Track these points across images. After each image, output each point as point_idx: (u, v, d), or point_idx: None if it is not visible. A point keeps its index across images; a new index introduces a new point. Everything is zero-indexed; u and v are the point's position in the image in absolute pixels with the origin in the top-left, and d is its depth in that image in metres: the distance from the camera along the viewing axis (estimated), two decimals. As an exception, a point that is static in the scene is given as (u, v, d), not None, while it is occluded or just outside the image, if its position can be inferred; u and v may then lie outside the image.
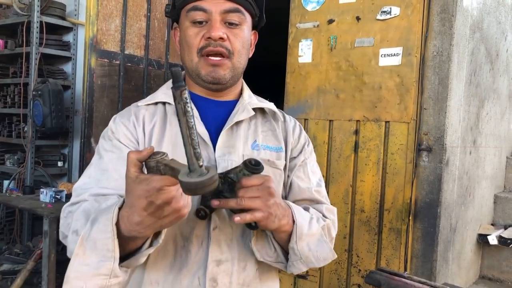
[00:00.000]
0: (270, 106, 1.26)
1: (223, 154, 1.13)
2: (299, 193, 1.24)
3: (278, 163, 1.20)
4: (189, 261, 1.10)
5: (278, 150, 1.22)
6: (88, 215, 0.96)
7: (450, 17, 2.28)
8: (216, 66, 1.11)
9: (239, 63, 1.15)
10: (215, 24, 1.10)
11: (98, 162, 1.12)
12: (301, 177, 1.26)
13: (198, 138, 0.78)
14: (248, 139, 1.18)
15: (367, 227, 2.47)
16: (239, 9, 1.12)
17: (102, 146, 1.15)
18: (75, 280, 0.86)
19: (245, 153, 1.15)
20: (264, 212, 1.00)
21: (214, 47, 1.10)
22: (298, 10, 2.70)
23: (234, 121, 1.16)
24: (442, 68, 2.30)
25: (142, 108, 1.18)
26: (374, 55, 2.45)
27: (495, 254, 3.06)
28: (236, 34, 1.13)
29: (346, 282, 2.55)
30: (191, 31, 1.12)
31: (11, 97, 4.23)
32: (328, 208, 1.26)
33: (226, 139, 1.15)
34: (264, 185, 1.00)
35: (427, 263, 2.33)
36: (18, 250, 3.87)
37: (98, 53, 2.46)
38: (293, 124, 1.29)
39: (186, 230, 1.10)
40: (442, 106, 2.30)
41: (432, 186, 2.32)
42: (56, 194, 3.31)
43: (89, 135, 2.46)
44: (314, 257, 1.13)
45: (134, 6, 2.65)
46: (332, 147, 2.59)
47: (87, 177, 1.12)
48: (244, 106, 1.20)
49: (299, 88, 2.70)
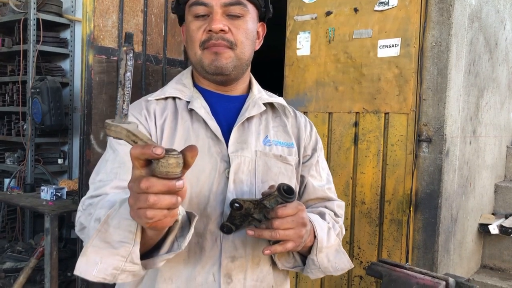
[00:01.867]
0: (280, 101, 1.26)
1: (236, 150, 1.13)
2: (314, 193, 1.27)
3: (289, 159, 1.21)
4: (203, 258, 1.11)
5: (289, 146, 1.22)
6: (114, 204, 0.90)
7: (448, 7, 2.27)
8: (218, 55, 1.11)
9: (242, 54, 1.14)
10: (215, 17, 1.10)
11: (114, 156, 1.10)
12: (314, 176, 1.28)
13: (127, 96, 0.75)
14: (260, 134, 1.19)
15: (368, 219, 2.47)
16: (240, 1, 1.12)
17: (114, 142, 1.12)
18: (92, 254, 0.84)
19: (257, 148, 1.16)
20: (296, 242, 1.02)
21: (216, 40, 1.10)
22: (296, 2, 2.69)
23: (245, 117, 1.16)
24: (441, 59, 2.29)
25: (153, 103, 1.18)
26: (372, 46, 2.44)
27: (496, 243, 3.07)
28: (239, 26, 1.12)
29: (348, 274, 2.55)
30: (193, 25, 1.13)
31: (9, 95, 4.22)
32: (338, 204, 1.30)
33: (238, 135, 1.15)
34: (298, 216, 1.01)
35: (429, 253, 2.33)
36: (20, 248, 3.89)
37: (96, 49, 2.45)
38: (303, 120, 1.30)
39: (199, 227, 1.10)
40: (441, 97, 2.29)
41: (432, 176, 2.32)
42: (57, 191, 3.32)
43: (88, 132, 2.45)
44: (333, 268, 1.16)
45: (131, 2, 2.63)
46: (332, 140, 2.59)
47: (104, 172, 1.08)
48: (254, 101, 1.20)
49: (297, 81, 2.70)
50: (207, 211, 1.11)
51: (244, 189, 1.13)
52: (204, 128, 1.14)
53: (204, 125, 1.14)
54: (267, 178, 1.16)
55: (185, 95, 1.18)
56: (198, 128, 1.14)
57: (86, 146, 2.45)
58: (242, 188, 1.12)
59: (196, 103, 1.15)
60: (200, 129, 1.14)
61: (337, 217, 1.27)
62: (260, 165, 1.15)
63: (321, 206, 1.28)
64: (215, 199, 1.11)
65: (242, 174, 1.13)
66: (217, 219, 1.11)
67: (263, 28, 1.25)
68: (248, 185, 1.13)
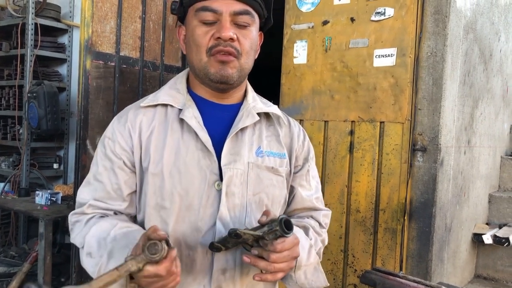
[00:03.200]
0: (275, 110, 1.25)
1: (228, 163, 1.12)
2: (302, 203, 1.28)
3: (281, 170, 1.20)
4: (194, 270, 1.11)
5: (281, 157, 1.21)
6: (100, 241, 1.05)
7: (443, 18, 2.29)
8: (225, 64, 1.10)
9: (246, 64, 1.14)
10: (225, 24, 1.08)
11: (96, 170, 1.17)
12: (303, 186, 1.28)
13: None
14: (253, 145, 1.17)
15: (363, 227, 2.48)
16: (249, 11, 1.11)
17: (100, 153, 1.17)
18: None
19: (250, 160, 1.15)
20: (286, 272, 1.05)
21: (224, 47, 1.09)
22: (293, 11, 2.71)
23: (239, 127, 1.15)
24: (436, 69, 2.31)
25: (140, 113, 1.16)
26: (368, 56, 2.46)
27: (490, 253, 3.08)
28: (246, 35, 1.12)
29: (342, 282, 2.55)
30: (200, 30, 1.11)
31: (6, 99, 4.22)
32: (325, 214, 1.31)
33: (231, 146, 1.14)
34: (293, 250, 1.03)
35: (423, 262, 2.34)
36: (13, 253, 3.86)
37: (93, 55, 2.46)
38: (297, 129, 1.29)
39: (191, 239, 1.11)
40: (437, 107, 2.31)
41: (427, 186, 2.33)
42: (51, 196, 3.31)
43: (84, 137, 2.45)
44: (309, 285, 1.18)
45: (129, 8, 2.65)
46: (328, 148, 2.60)
47: (86, 185, 1.18)
48: (248, 110, 1.18)
49: (294, 89, 2.71)
50: (197, 224, 1.10)
51: (235, 202, 1.12)
52: (194, 139, 1.12)
53: (195, 136, 1.12)
54: (258, 190, 1.16)
55: (177, 102, 1.16)
56: (189, 140, 1.12)
57: (82, 151, 2.45)
58: (233, 201, 1.12)
59: (187, 112, 1.13)
60: (191, 140, 1.12)
61: (321, 228, 1.29)
62: (252, 177, 1.15)
63: (308, 215, 1.29)
64: (205, 212, 1.10)
65: (234, 187, 1.12)
66: (208, 232, 1.10)
67: (261, 37, 1.25)
68: (240, 198, 1.13)
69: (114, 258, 0.99)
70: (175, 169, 1.10)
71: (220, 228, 1.09)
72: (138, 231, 1.06)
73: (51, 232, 2.98)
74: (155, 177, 1.10)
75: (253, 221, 1.13)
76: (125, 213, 1.16)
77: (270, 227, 0.97)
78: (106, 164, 1.15)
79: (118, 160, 1.13)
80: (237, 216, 1.12)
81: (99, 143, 1.20)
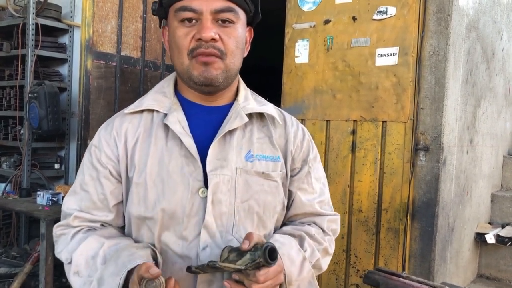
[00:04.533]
0: (269, 110, 1.16)
1: (214, 169, 1.06)
2: (301, 208, 1.20)
3: (273, 175, 1.12)
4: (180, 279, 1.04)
5: (275, 160, 1.14)
6: (88, 260, 1.04)
7: (446, 17, 2.28)
8: (208, 65, 1.04)
9: (232, 64, 1.07)
10: (206, 24, 1.03)
11: (82, 179, 1.14)
12: (304, 189, 1.19)
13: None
14: (242, 149, 1.10)
15: (365, 227, 2.47)
16: (231, 8, 1.05)
17: (86, 161, 1.15)
18: None
19: (238, 165, 1.08)
20: None
21: (206, 48, 1.03)
22: (294, 10, 2.70)
23: (226, 130, 1.08)
24: (438, 68, 2.30)
25: (126, 120, 1.12)
26: (370, 55, 2.45)
27: (492, 253, 3.07)
28: (229, 34, 1.05)
29: (345, 282, 2.55)
30: (180, 31, 1.06)
31: (7, 100, 4.21)
32: (330, 219, 1.22)
33: (218, 150, 1.08)
34: (277, 278, 1.00)
35: (425, 262, 2.33)
36: (15, 253, 3.86)
37: (94, 54, 2.45)
38: (294, 128, 1.20)
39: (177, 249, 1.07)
40: (439, 106, 2.30)
41: (429, 185, 2.32)
42: (53, 196, 3.30)
43: (85, 137, 2.45)
44: None
45: (130, 8, 2.64)
46: (330, 147, 2.59)
47: (72, 194, 1.16)
48: (237, 112, 1.11)
49: (295, 89, 2.70)
50: (182, 234, 1.06)
51: (222, 210, 1.06)
52: (178, 146, 1.07)
53: (179, 142, 1.07)
54: (247, 197, 1.09)
55: (163, 107, 1.11)
56: (173, 146, 1.07)
57: (83, 151, 2.45)
58: (220, 209, 1.06)
59: (171, 117, 1.08)
60: (175, 146, 1.07)
61: (325, 236, 1.20)
62: (240, 183, 1.08)
63: (310, 221, 1.21)
64: (189, 221, 1.05)
65: (221, 194, 1.06)
66: (193, 241, 1.06)
67: (251, 33, 1.18)
68: (227, 206, 1.07)
69: (105, 286, 0.98)
70: (158, 178, 1.06)
71: (205, 237, 1.05)
72: (127, 249, 1.02)
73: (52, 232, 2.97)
74: (139, 186, 1.07)
75: (242, 230, 1.08)
76: (113, 224, 1.13)
77: (252, 256, 0.93)
78: (92, 173, 1.12)
79: (104, 169, 1.10)
80: (224, 225, 1.07)
81: (86, 151, 1.17)
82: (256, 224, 1.11)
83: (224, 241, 1.06)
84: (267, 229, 1.14)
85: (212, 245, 1.05)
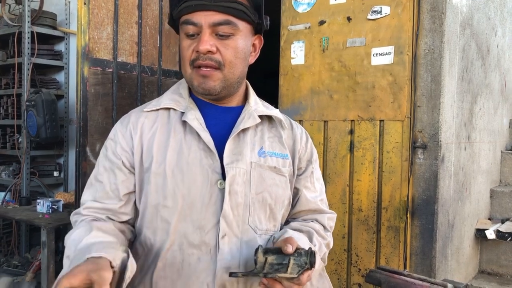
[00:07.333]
0: (276, 113, 1.27)
1: (231, 162, 1.14)
2: (306, 204, 1.29)
3: (283, 170, 1.22)
4: (197, 269, 1.11)
5: (284, 157, 1.23)
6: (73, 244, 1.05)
7: (440, 15, 2.29)
8: (206, 78, 1.13)
9: (231, 74, 1.15)
10: (203, 38, 1.10)
11: (97, 171, 1.21)
12: (308, 187, 1.30)
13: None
14: (255, 145, 1.20)
15: (365, 226, 2.48)
16: (229, 21, 1.11)
17: (102, 154, 1.22)
18: None
19: (252, 160, 1.17)
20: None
21: (203, 60, 1.11)
22: (289, 12, 2.71)
23: (240, 128, 1.17)
24: (434, 66, 2.31)
25: (142, 116, 1.20)
26: (366, 54, 2.46)
27: (493, 248, 3.08)
28: (227, 45, 1.12)
29: (347, 281, 2.55)
30: (185, 43, 1.15)
31: (4, 108, 4.22)
32: (329, 217, 1.32)
33: (233, 146, 1.17)
34: (311, 283, 1.11)
35: (426, 260, 2.34)
36: (16, 262, 3.86)
37: (91, 61, 2.45)
38: (300, 131, 1.31)
39: (194, 238, 1.12)
40: (436, 103, 2.31)
41: (428, 183, 2.33)
42: (53, 204, 3.30)
43: (84, 144, 2.45)
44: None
45: (125, 14, 2.64)
46: (328, 148, 2.60)
47: (89, 187, 1.21)
48: (250, 113, 1.21)
49: (292, 90, 2.71)
50: (200, 223, 1.12)
51: (238, 201, 1.14)
52: (197, 140, 1.15)
53: (197, 136, 1.15)
54: (261, 189, 1.17)
55: (180, 106, 1.20)
56: (191, 140, 1.15)
57: (82, 158, 2.45)
58: (236, 200, 1.13)
59: (189, 114, 1.16)
60: (193, 141, 1.15)
61: (326, 232, 1.30)
62: (255, 176, 1.17)
63: (312, 218, 1.30)
64: (208, 210, 1.12)
65: (237, 186, 1.14)
66: (211, 230, 1.12)
67: (260, 40, 1.25)
68: (243, 197, 1.15)
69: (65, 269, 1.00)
70: (177, 168, 1.13)
71: (223, 226, 1.11)
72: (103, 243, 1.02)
73: (53, 240, 2.98)
74: (158, 176, 1.13)
75: (256, 220, 1.16)
76: (120, 212, 1.18)
77: (297, 261, 1.00)
78: (106, 164, 1.19)
79: (117, 160, 1.17)
80: (240, 215, 1.14)
81: (103, 146, 1.25)
82: (268, 215, 1.19)
83: (240, 230, 1.13)
84: (276, 221, 1.22)
85: (230, 234, 1.12)
